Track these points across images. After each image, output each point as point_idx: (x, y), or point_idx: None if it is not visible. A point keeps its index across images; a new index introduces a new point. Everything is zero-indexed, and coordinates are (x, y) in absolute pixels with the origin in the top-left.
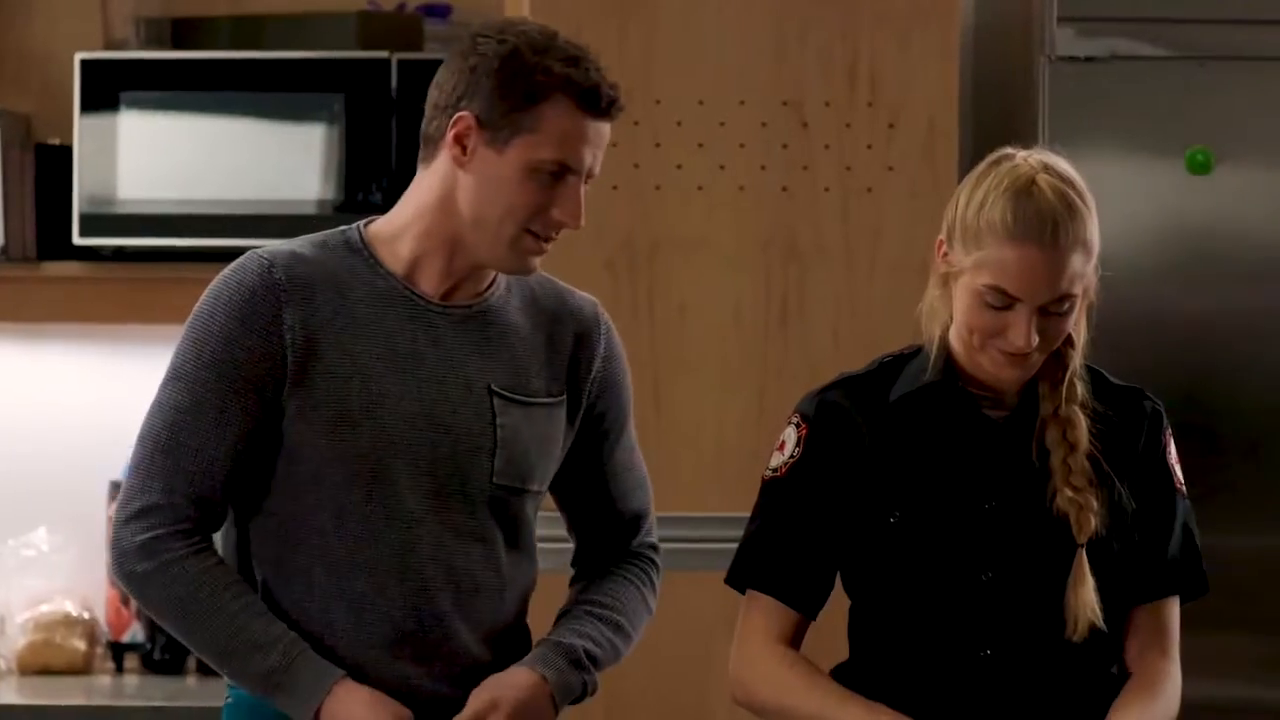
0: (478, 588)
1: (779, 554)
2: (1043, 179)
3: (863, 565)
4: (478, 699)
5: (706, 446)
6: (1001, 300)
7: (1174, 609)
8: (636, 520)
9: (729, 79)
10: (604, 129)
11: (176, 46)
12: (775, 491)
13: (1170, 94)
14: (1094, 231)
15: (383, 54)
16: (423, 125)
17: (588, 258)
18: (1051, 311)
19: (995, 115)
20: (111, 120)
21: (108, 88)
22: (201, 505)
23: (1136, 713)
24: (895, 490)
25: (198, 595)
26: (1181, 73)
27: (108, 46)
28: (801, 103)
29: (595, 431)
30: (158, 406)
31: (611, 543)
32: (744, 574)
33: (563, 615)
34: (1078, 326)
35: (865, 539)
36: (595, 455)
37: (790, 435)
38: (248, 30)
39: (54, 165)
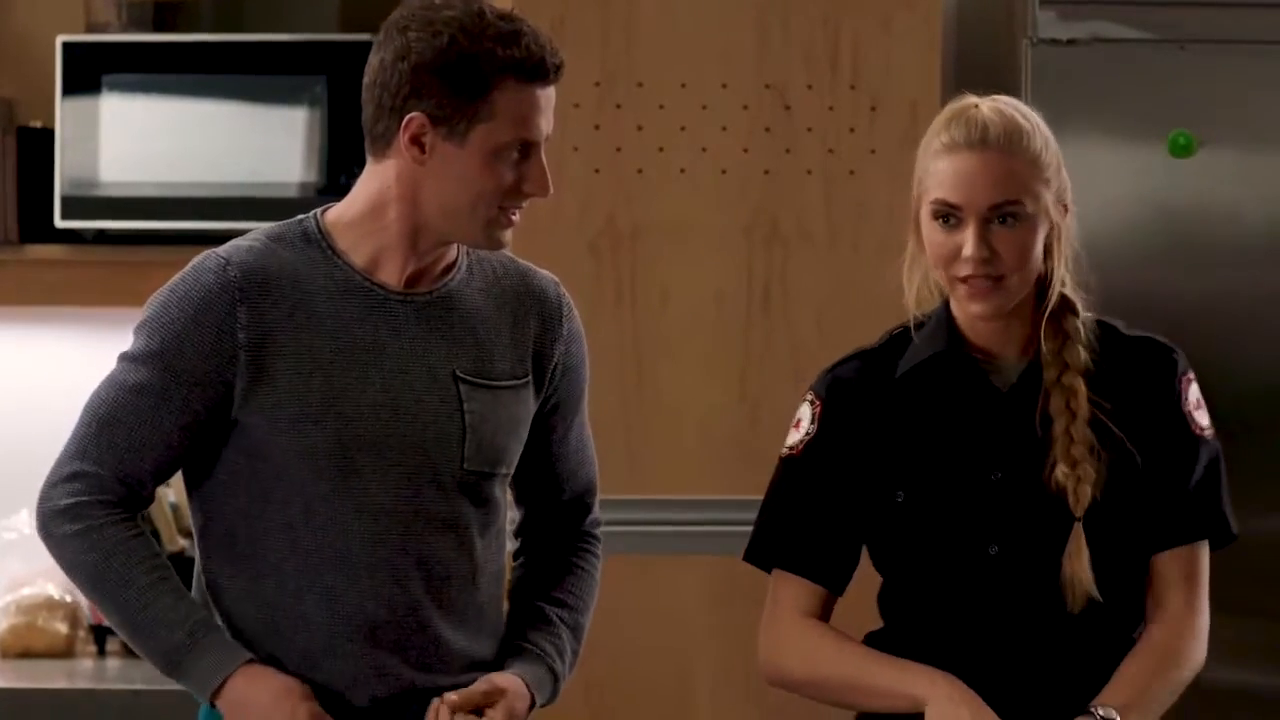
0: (450, 575)
1: (801, 531)
2: (985, 103)
3: (876, 542)
4: (490, 682)
5: (688, 430)
6: (948, 214)
7: (1196, 555)
8: (585, 499)
9: (711, 62)
10: (552, 93)
11: (158, 29)
12: (793, 469)
13: (1152, 77)
14: (1044, 150)
15: (364, 36)
16: (366, 121)
17: (570, 241)
18: (1000, 224)
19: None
20: (93, 103)
21: (89, 70)
22: (126, 484)
23: (1126, 688)
24: (901, 468)
25: (110, 565)
26: (1163, 56)
27: (89, 29)
28: (784, 86)
29: (552, 414)
30: (108, 380)
31: (560, 521)
32: (766, 552)
33: (537, 616)
34: (1057, 266)
35: (874, 517)
36: (548, 436)
37: (805, 413)
38: (229, 12)
39: (36, 148)
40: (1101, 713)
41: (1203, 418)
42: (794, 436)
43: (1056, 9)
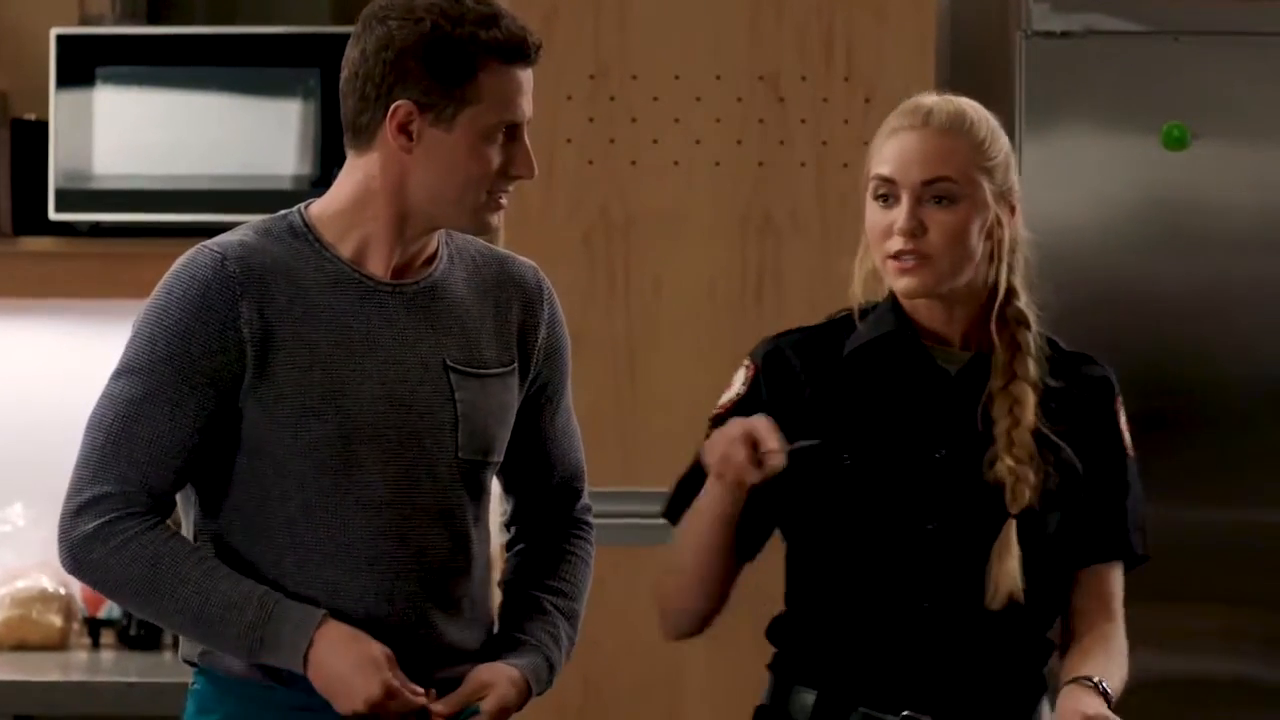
0: (447, 568)
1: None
2: (937, 96)
3: (807, 508)
4: (474, 679)
5: (680, 420)
6: (885, 190)
7: (1119, 573)
8: (575, 483)
9: (705, 54)
10: (531, 74)
11: (152, 21)
12: (715, 428)
13: (1146, 69)
14: (989, 140)
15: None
16: (346, 114)
17: (563, 232)
18: (933, 203)
19: (971, 90)
20: (87, 95)
21: (84, 63)
22: (153, 495)
23: (1099, 665)
24: (848, 434)
25: (159, 569)
26: (1157, 48)
27: (84, 22)
28: (778, 77)
29: (539, 398)
30: (108, 399)
31: (552, 507)
32: (674, 507)
33: (532, 607)
34: (1000, 266)
35: (814, 480)
36: (537, 421)
37: (739, 375)
38: (223, 5)
39: (30, 140)
40: (1105, 685)
41: (1129, 438)
42: (724, 396)
43: (1050, 1)
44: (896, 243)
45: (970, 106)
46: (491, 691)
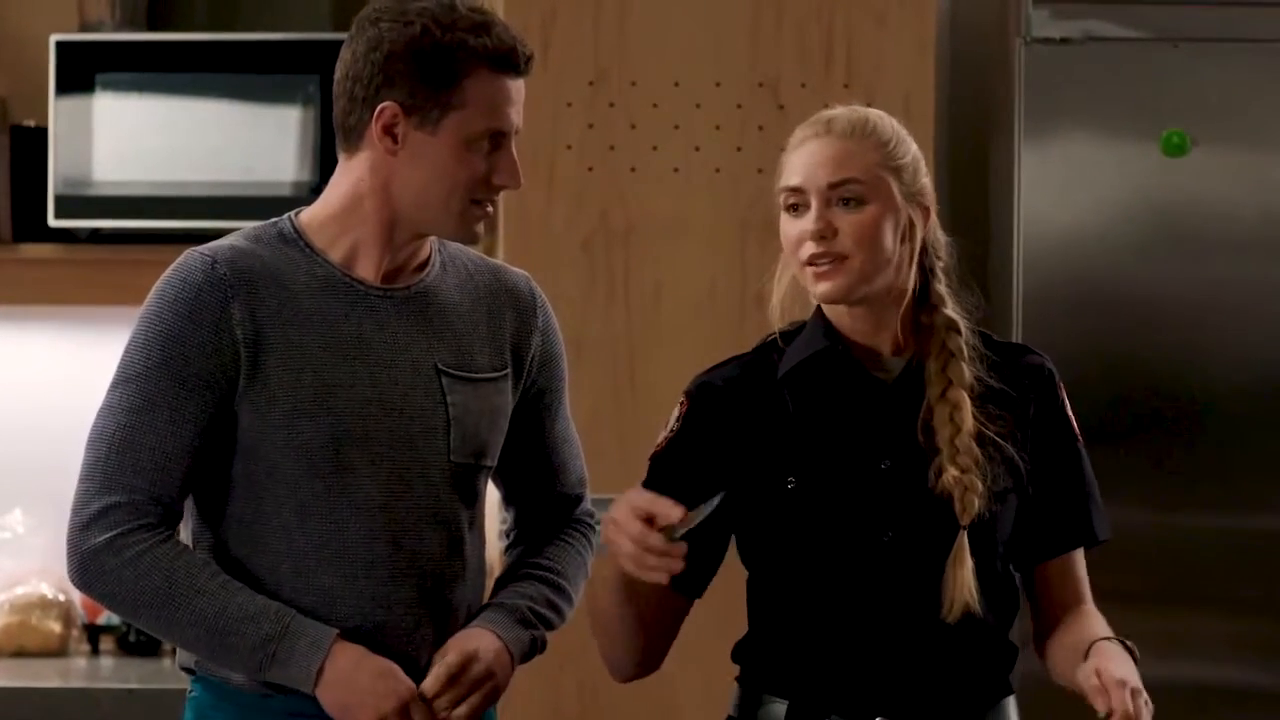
0: (442, 573)
1: None
2: (841, 106)
3: (761, 534)
4: (454, 651)
5: None
6: (795, 200)
7: (1083, 559)
8: (577, 489)
9: (704, 60)
10: (522, 86)
11: (152, 28)
12: (654, 466)
13: (1145, 76)
14: (894, 142)
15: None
16: (337, 116)
17: (563, 239)
18: (841, 205)
19: (971, 97)
20: (87, 102)
21: (83, 69)
22: (161, 503)
23: (1106, 630)
24: (790, 457)
25: (175, 580)
26: (1156, 55)
27: (83, 28)
28: (777, 84)
29: (537, 407)
30: (108, 409)
31: (554, 514)
32: None
33: (505, 579)
34: (905, 264)
35: (762, 507)
36: (537, 430)
37: (674, 412)
38: (223, 11)
39: (29, 147)
40: (1129, 643)
41: (1075, 423)
42: (661, 434)
43: (1050, 7)
44: (809, 248)
45: (874, 113)
46: (451, 654)
